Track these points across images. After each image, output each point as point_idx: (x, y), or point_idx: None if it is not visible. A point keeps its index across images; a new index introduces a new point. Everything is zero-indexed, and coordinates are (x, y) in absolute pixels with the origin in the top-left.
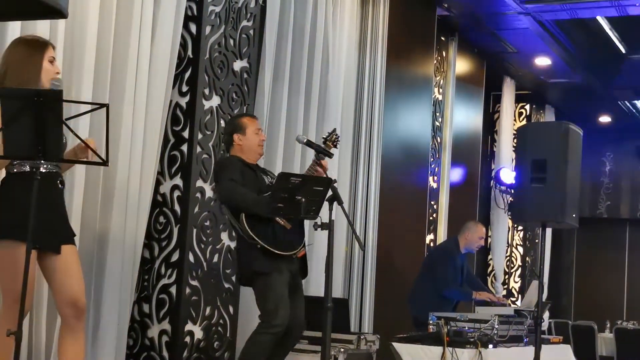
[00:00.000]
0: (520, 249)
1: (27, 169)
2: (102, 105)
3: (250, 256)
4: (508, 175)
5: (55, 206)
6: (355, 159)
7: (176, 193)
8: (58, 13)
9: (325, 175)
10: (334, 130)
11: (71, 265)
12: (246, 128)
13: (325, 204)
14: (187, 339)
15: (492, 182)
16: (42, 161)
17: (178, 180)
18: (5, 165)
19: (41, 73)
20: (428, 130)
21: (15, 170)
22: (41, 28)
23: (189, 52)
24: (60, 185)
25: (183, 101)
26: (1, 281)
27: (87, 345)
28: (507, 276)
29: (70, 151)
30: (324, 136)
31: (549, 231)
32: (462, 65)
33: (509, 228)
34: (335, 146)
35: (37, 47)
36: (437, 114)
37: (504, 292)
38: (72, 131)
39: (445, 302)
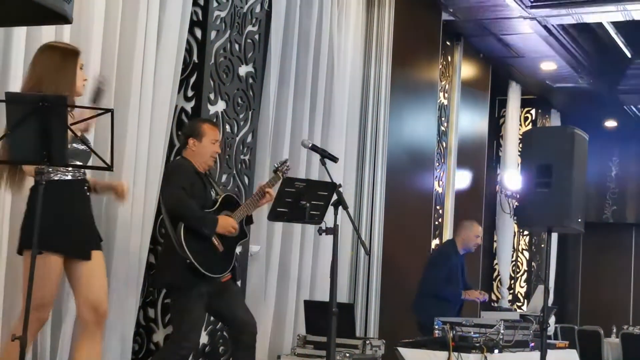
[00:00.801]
0: (526, 253)
1: (57, 177)
2: (106, 111)
3: (173, 267)
4: (514, 180)
5: (84, 213)
6: (360, 164)
7: None
8: (63, 18)
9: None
10: (286, 160)
11: (97, 271)
12: (203, 135)
13: (330, 209)
14: None
15: (497, 186)
16: (69, 168)
17: None
18: (30, 173)
19: (76, 80)
20: (433, 135)
21: (44, 178)
22: (46, 33)
23: (195, 57)
24: (87, 192)
25: (188, 106)
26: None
27: None
28: (512, 281)
29: (106, 185)
30: (276, 165)
31: (554, 236)
32: (467, 70)
33: (514, 233)
34: (283, 177)
35: (71, 55)
36: (443, 119)
37: (510, 297)
38: (77, 136)
39: (448, 305)
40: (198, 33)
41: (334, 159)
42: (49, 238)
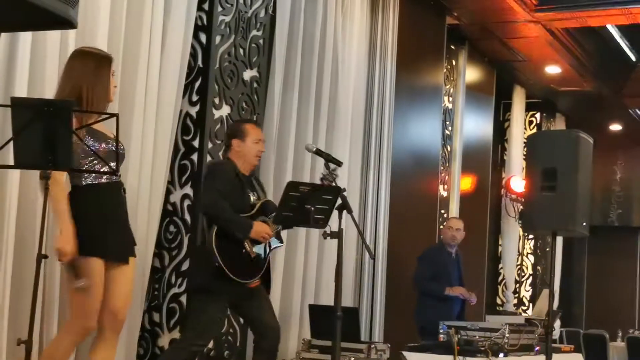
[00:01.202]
0: (531, 257)
1: (99, 181)
2: (111, 115)
3: (206, 269)
4: (518, 183)
5: (122, 216)
6: (365, 168)
7: (186, 202)
8: (67, 23)
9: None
10: (334, 169)
11: (127, 278)
12: (247, 135)
13: (335, 213)
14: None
15: (502, 190)
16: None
17: (188, 190)
18: (63, 178)
19: (110, 88)
20: (438, 139)
21: (84, 182)
22: (52, 38)
23: (199, 62)
24: (123, 193)
25: (193, 110)
26: (72, 293)
27: None
28: (517, 285)
29: None
30: (323, 173)
31: (559, 240)
32: (472, 73)
33: (519, 237)
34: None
35: (105, 61)
36: (447, 123)
37: (515, 301)
38: (82, 141)
39: (444, 307)
40: (203, 38)
41: (339, 163)
42: (91, 242)
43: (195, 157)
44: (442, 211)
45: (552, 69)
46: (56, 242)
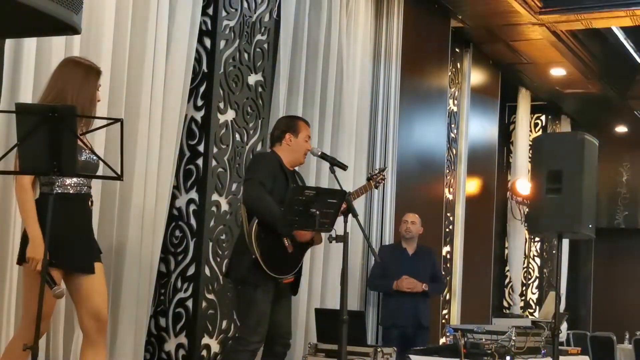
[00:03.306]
0: (538, 260)
1: (67, 190)
2: (116, 120)
3: (244, 261)
4: (524, 186)
5: (87, 227)
6: (370, 171)
7: (192, 207)
8: (72, 29)
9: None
10: (384, 169)
11: (97, 282)
12: (299, 131)
13: (340, 217)
14: (204, 352)
15: (508, 193)
16: (73, 181)
17: (194, 194)
18: (32, 183)
19: (95, 101)
20: (443, 142)
21: (46, 190)
22: (57, 44)
23: (204, 67)
24: (90, 206)
25: (198, 115)
26: (27, 301)
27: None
28: (524, 287)
29: None
30: (370, 172)
31: (566, 242)
32: (477, 76)
33: (525, 239)
34: (376, 187)
35: (93, 73)
36: (453, 126)
37: (522, 304)
38: (87, 146)
39: (392, 302)
40: (207, 42)
41: (344, 167)
42: (51, 253)
43: (200, 161)
44: (448, 214)
45: (557, 71)
46: (28, 250)
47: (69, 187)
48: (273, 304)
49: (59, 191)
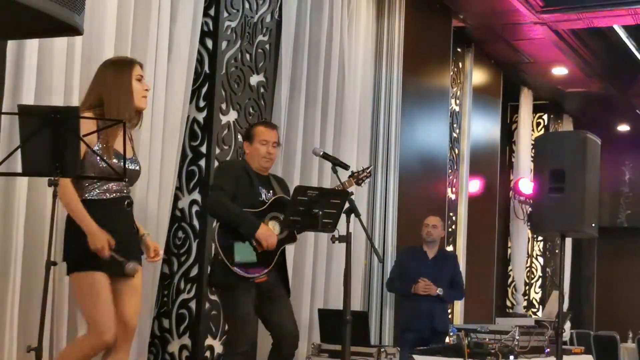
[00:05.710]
0: (541, 259)
1: (105, 196)
2: (118, 121)
3: (217, 266)
4: (526, 185)
5: (126, 230)
6: (372, 171)
7: (195, 208)
8: (74, 30)
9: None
10: (368, 168)
11: (134, 288)
12: (254, 138)
13: (343, 217)
14: (207, 353)
15: (510, 192)
16: (113, 184)
17: (196, 195)
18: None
19: (133, 93)
20: (445, 142)
21: (87, 196)
22: (58, 45)
23: (206, 68)
24: (128, 208)
25: (200, 116)
26: (88, 309)
27: None
28: (527, 287)
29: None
30: (353, 170)
31: (569, 241)
32: (478, 76)
33: (528, 239)
34: (358, 184)
35: (124, 67)
36: (455, 125)
37: (525, 303)
38: (89, 147)
39: (410, 305)
40: (209, 43)
41: (346, 167)
42: (93, 257)
43: (203, 162)
44: (451, 214)
45: (559, 70)
46: (91, 244)
47: (107, 193)
48: (269, 305)
49: (94, 197)
